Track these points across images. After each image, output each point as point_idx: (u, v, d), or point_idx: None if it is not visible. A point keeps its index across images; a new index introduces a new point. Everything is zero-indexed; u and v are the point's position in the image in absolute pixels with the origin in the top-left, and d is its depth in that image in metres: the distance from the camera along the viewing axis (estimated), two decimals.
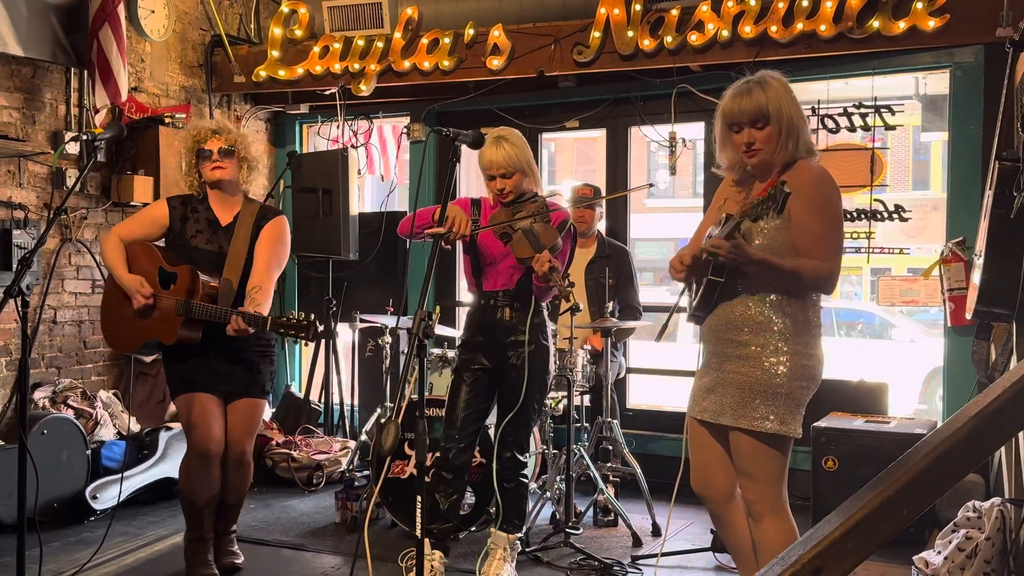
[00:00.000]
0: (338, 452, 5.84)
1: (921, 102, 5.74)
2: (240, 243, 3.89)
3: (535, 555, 4.31)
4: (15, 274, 2.98)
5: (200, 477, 3.89)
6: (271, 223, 3.98)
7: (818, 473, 4.79)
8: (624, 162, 6.13)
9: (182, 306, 3.76)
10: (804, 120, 2.94)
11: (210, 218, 3.98)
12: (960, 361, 5.06)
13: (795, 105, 2.91)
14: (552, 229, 3.62)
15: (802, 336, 2.88)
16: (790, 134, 2.87)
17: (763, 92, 2.87)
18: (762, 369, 2.86)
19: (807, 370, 2.87)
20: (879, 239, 5.32)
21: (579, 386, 4.75)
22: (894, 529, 2.35)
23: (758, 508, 2.92)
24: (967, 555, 3.50)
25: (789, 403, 2.85)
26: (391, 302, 6.00)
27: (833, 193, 2.90)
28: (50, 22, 5.18)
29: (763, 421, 2.85)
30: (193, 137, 3.94)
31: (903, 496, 2.26)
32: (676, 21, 5.23)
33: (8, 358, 5.19)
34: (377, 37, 5.97)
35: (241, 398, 3.97)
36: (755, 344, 2.88)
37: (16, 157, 5.16)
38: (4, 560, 4.27)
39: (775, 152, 2.89)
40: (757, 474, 2.91)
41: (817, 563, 2.22)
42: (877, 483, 2.39)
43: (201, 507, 3.94)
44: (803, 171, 2.88)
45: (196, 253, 3.92)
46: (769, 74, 2.94)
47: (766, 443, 2.88)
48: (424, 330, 2.64)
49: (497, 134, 3.80)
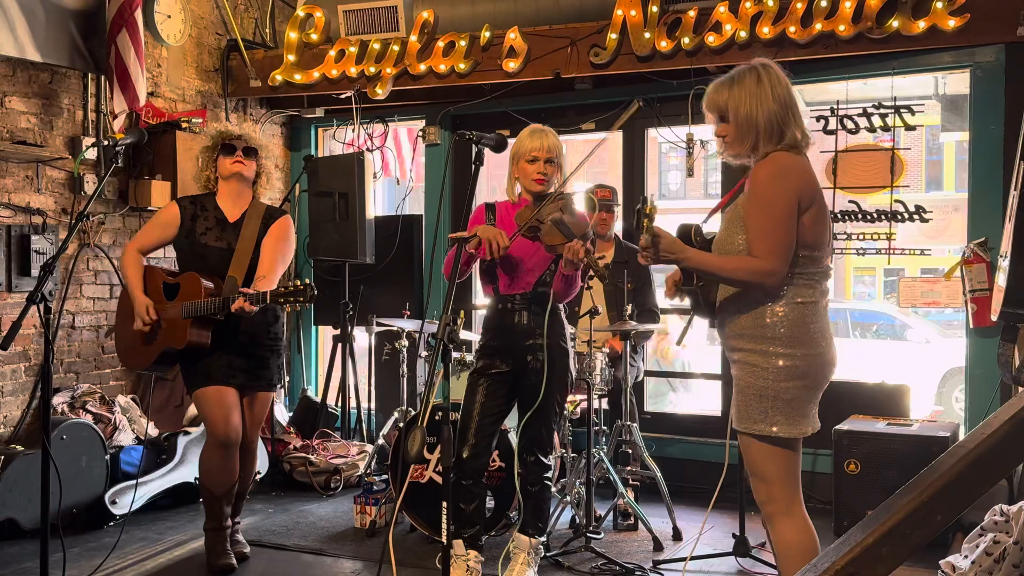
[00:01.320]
0: (355, 456, 5.83)
1: (940, 102, 5.70)
2: (247, 241, 4.06)
3: (556, 560, 4.29)
4: (37, 280, 2.98)
5: (221, 466, 4.08)
6: (278, 222, 4.15)
7: (840, 476, 4.75)
8: (641, 164, 6.11)
9: (187, 308, 3.92)
10: (785, 113, 2.85)
11: (218, 216, 4.13)
12: (982, 362, 5.02)
13: (764, 100, 2.84)
14: (581, 220, 3.62)
15: (795, 338, 2.84)
16: (748, 134, 2.86)
17: (727, 89, 2.88)
18: (754, 374, 2.87)
19: (796, 370, 2.84)
20: (899, 240, 5.28)
21: (598, 389, 4.73)
22: (928, 535, 2.33)
23: (768, 509, 2.92)
24: (995, 559, 3.46)
25: (781, 404, 2.84)
26: (408, 305, 5.99)
27: (780, 188, 2.79)
28: (68, 28, 5.19)
29: (760, 424, 2.86)
30: (220, 133, 4.13)
31: (937, 502, 2.23)
32: (693, 22, 5.21)
33: (27, 363, 5.20)
34: (393, 40, 5.97)
35: (251, 391, 4.18)
36: (749, 349, 2.89)
37: (34, 162, 5.17)
38: (25, 565, 4.27)
39: (738, 147, 2.90)
40: (764, 476, 2.91)
41: (851, 569, 2.20)
42: (910, 488, 2.37)
43: (220, 496, 4.12)
44: (761, 166, 2.85)
45: (206, 251, 4.08)
46: (747, 68, 2.90)
47: (768, 445, 2.87)
48: (448, 335, 2.62)
49: (536, 126, 3.86)
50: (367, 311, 6.26)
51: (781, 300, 2.84)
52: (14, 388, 5.12)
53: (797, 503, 2.90)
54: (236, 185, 4.15)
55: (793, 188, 2.80)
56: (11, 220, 5.06)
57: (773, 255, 2.78)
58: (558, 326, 3.87)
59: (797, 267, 2.84)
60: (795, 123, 2.87)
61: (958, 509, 2.34)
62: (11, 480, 4.58)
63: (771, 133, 2.84)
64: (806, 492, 5.29)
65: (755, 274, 2.80)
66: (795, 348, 2.83)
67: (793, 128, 2.86)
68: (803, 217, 2.81)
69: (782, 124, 2.84)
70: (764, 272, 2.79)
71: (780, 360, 2.83)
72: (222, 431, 4.02)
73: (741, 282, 2.86)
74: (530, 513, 3.93)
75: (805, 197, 2.81)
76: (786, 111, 2.85)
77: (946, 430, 4.71)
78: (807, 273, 2.87)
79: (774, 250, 2.78)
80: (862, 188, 5.34)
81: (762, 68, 2.88)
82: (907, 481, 2.36)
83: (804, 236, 2.82)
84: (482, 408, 3.84)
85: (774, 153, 2.85)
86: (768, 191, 2.80)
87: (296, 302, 3.74)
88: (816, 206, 2.84)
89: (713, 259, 2.90)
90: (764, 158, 2.86)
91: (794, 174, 2.82)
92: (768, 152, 2.85)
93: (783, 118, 2.84)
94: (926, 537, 2.40)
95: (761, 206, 2.81)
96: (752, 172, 2.87)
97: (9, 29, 4.84)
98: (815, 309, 2.87)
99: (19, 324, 2.90)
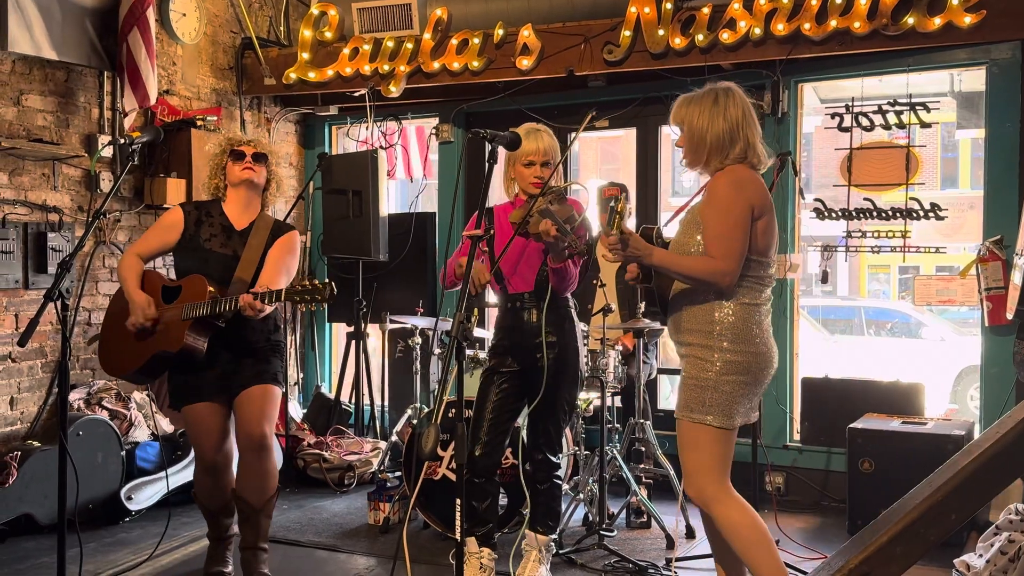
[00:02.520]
0: (369, 453, 5.85)
1: (956, 99, 5.67)
2: (253, 251, 3.87)
3: (569, 557, 4.30)
4: (55, 278, 3.00)
5: (210, 487, 3.95)
6: (285, 236, 3.98)
7: (854, 475, 4.75)
8: (654, 161, 6.11)
9: (188, 309, 3.71)
10: (734, 133, 3.07)
11: (224, 224, 3.95)
12: (998, 361, 5.00)
13: (715, 120, 3.07)
14: (568, 206, 3.60)
15: (739, 336, 3.04)
16: (699, 146, 3.11)
17: (686, 106, 3.15)
18: (698, 366, 3.08)
19: (738, 366, 3.04)
20: (915, 238, 5.26)
21: (611, 387, 4.73)
22: (942, 534, 2.33)
23: (706, 495, 3.07)
24: (1010, 558, 3.45)
25: (719, 396, 3.04)
26: (421, 303, 6.00)
27: (737, 197, 3.02)
28: (84, 26, 5.22)
29: (696, 413, 3.06)
30: (228, 139, 3.99)
31: (951, 500, 2.23)
32: (707, 19, 5.19)
33: (43, 360, 5.24)
34: (406, 38, 5.98)
35: (252, 385, 3.85)
36: (696, 343, 3.10)
37: (51, 160, 5.21)
38: (42, 560, 4.31)
39: (691, 156, 3.16)
40: (698, 462, 3.09)
41: (864, 568, 2.20)
42: (924, 487, 2.37)
43: (216, 511, 4.00)
44: (720, 176, 3.09)
45: (210, 256, 3.88)
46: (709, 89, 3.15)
47: (703, 433, 3.06)
48: (462, 333, 2.63)
49: (531, 126, 3.86)
50: (380, 308, 6.28)
51: (730, 299, 3.06)
52: (31, 384, 5.16)
53: (725, 489, 3.08)
54: (245, 193, 3.95)
55: (748, 198, 3.04)
56: (28, 218, 5.10)
57: (728, 257, 3.00)
58: (569, 325, 3.88)
59: (748, 270, 3.06)
60: (747, 143, 3.10)
61: (973, 508, 2.34)
62: (28, 476, 4.62)
63: (719, 149, 3.09)
64: (820, 491, 5.34)
65: (712, 273, 3.01)
66: (738, 345, 3.05)
67: (742, 147, 3.09)
68: (756, 224, 3.05)
69: (729, 143, 3.08)
70: (720, 272, 3.00)
71: (724, 355, 3.04)
72: (210, 458, 3.88)
73: (698, 280, 3.07)
74: (541, 511, 3.93)
75: (758, 207, 3.05)
76: (736, 131, 3.09)
77: (961, 428, 4.70)
78: (755, 277, 3.09)
79: (729, 252, 3.00)
80: (877, 186, 5.32)
81: (722, 91, 3.13)
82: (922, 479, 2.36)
83: (755, 242, 3.06)
84: (494, 406, 3.85)
85: (733, 166, 3.09)
86: (726, 199, 3.04)
87: (312, 301, 3.56)
88: (767, 216, 3.08)
89: (675, 258, 3.12)
90: (722, 170, 3.10)
91: (750, 186, 3.06)
92: (722, 165, 3.10)
93: (732, 137, 3.08)
94: (940, 536, 2.40)
95: (719, 212, 3.04)
96: (711, 181, 3.11)
97: (26, 28, 4.88)
98: (759, 311, 3.11)
99: (37, 321, 2.92)
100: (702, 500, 3.09)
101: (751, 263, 3.07)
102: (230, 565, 4.05)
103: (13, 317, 5.06)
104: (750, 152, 3.11)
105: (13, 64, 5.03)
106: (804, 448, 5.51)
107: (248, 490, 3.81)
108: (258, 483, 3.81)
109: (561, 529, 4.35)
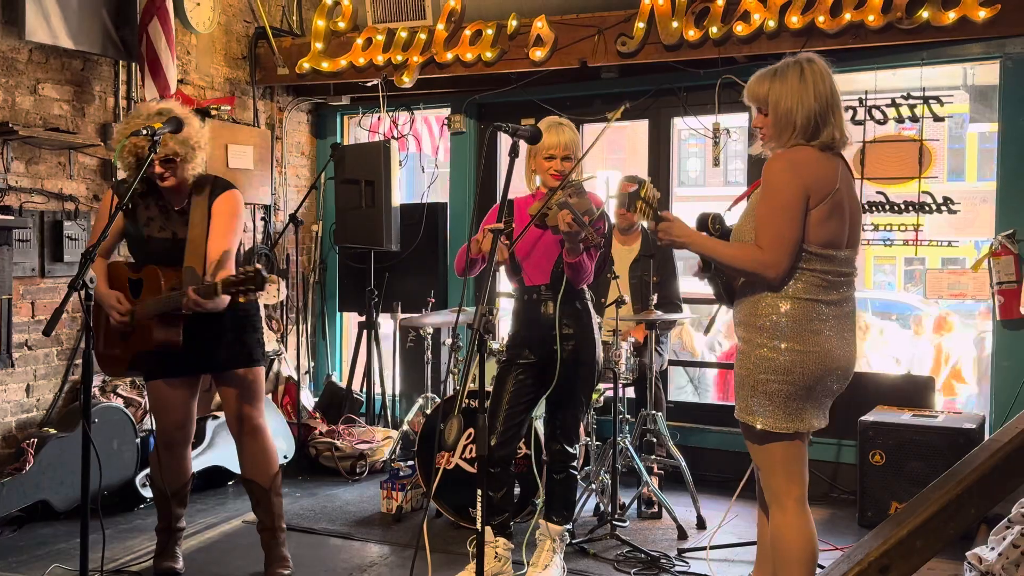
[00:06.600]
0: (380, 442, 5.89)
1: (969, 93, 5.67)
2: (197, 229, 3.67)
3: (581, 547, 4.33)
4: (79, 267, 3.02)
5: (165, 464, 3.89)
6: (221, 197, 3.73)
7: (865, 467, 4.77)
8: (667, 152, 6.11)
9: (148, 307, 3.59)
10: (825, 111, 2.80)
11: (160, 203, 3.77)
12: (1009, 354, 5.01)
13: (805, 97, 2.78)
14: (587, 199, 3.61)
15: (782, 332, 2.81)
16: (786, 126, 2.82)
17: (769, 82, 2.85)
18: (740, 362, 2.91)
19: (774, 364, 2.80)
20: (927, 231, 5.27)
21: (623, 378, 4.76)
22: (961, 528, 2.36)
23: (765, 497, 2.98)
24: (1022, 551, 3.47)
25: (760, 396, 2.83)
26: (432, 293, 6.03)
27: (787, 180, 2.76)
28: (100, 15, 5.23)
29: (744, 414, 2.90)
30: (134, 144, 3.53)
31: (970, 495, 2.26)
32: (722, 11, 5.20)
33: (59, 347, 5.27)
34: (420, 29, 5.99)
35: (230, 370, 3.83)
36: (742, 337, 2.92)
37: (67, 149, 5.23)
38: (59, 547, 4.35)
39: (774, 141, 2.87)
40: (758, 465, 2.95)
41: (884, 561, 2.24)
42: (943, 482, 2.40)
43: (169, 496, 3.96)
44: (774, 158, 2.84)
45: (151, 243, 3.74)
46: (792, 61, 2.85)
47: (756, 436, 2.90)
48: (484, 325, 2.65)
49: (553, 119, 3.86)
50: (392, 298, 6.31)
51: (780, 293, 2.82)
52: (47, 372, 5.19)
53: (791, 498, 2.87)
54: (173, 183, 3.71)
55: (800, 183, 2.76)
56: (44, 206, 5.12)
57: (773, 247, 2.76)
58: (587, 317, 3.90)
59: (804, 263, 2.80)
60: (834, 122, 2.82)
61: (992, 502, 2.37)
62: (44, 462, 4.66)
63: (807, 130, 2.80)
64: (830, 482, 5.36)
65: (755, 263, 2.79)
66: (779, 341, 2.81)
67: (831, 127, 2.82)
68: (812, 213, 2.77)
69: (820, 122, 2.80)
70: (763, 262, 2.77)
71: (761, 350, 2.83)
72: (168, 433, 3.86)
73: (742, 270, 2.86)
74: (556, 501, 3.97)
75: (815, 193, 2.77)
76: (826, 110, 2.80)
77: (972, 422, 4.72)
78: (817, 272, 2.82)
79: (775, 241, 2.76)
80: (889, 179, 5.32)
81: (807, 63, 2.83)
82: (932, 472, 2.38)
83: (812, 233, 2.78)
84: (511, 397, 3.88)
85: (795, 146, 2.81)
86: (777, 182, 2.78)
87: (247, 290, 3.28)
88: (828, 204, 2.78)
89: (718, 245, 2.90)
90: (785, 149, 2.84)
91: (804, 169, 2.77)
92: (788, 145, 2.83)
93: (822, 117, 2.80)
94: (959, 530, 2.43)
95: (767, 197, 2.80)
96: (767, 162, 2.85)
97: (43, 17, 4.89)
98: (817, 308, 2.81)
99: (61, 310, 2.94)
100: (768, 496, 2.94)
101: (810, 256, 2.80)
102: (180, 560, 4.05)
103: (30, 305, 5.09)
104: (839, 133, 2.84)
105: (30, 53, 5.04)
106: (814, 440, 5.50)
107: (252, 472, 3.90)
108: (259, 462, 3.89)
109: (574, 519, 4.38)
